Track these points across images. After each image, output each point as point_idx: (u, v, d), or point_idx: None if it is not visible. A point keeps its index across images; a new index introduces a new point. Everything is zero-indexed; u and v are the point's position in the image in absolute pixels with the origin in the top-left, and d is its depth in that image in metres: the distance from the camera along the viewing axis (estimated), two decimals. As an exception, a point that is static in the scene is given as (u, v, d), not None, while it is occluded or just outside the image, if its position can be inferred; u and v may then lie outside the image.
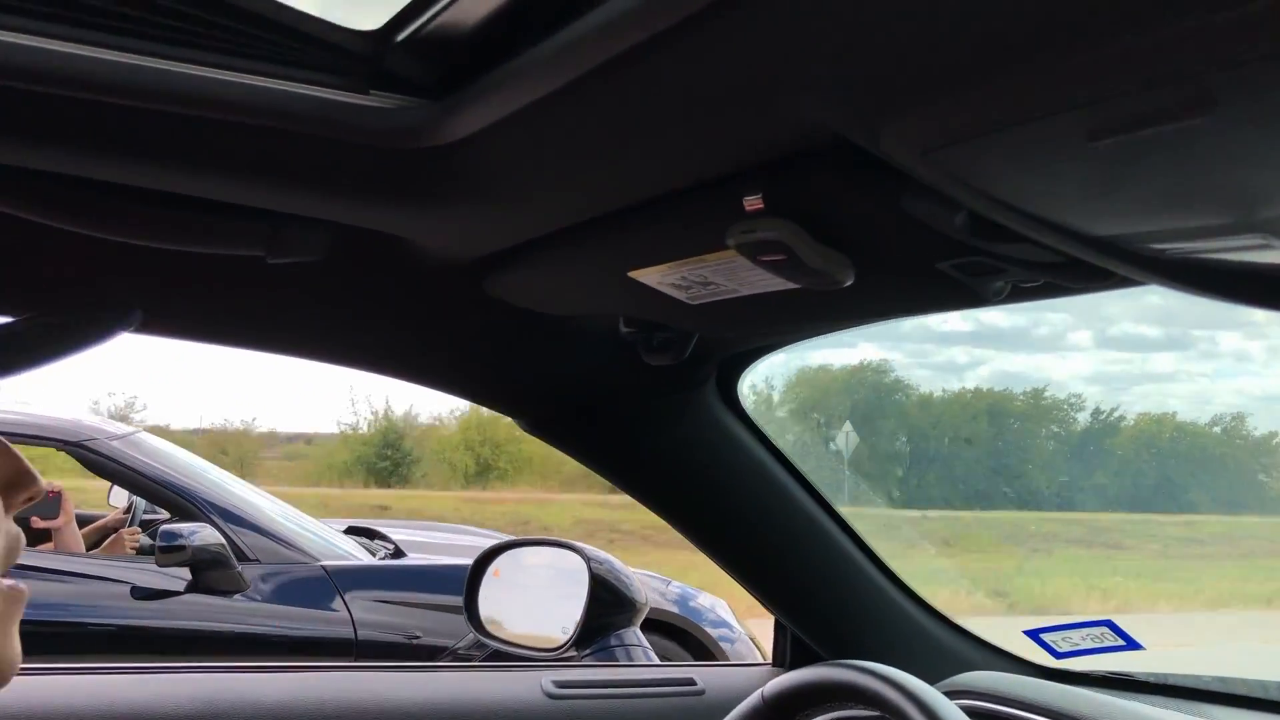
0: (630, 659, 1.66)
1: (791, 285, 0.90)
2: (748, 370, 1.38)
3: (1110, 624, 1.54)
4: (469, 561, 1.75)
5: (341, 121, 0.79)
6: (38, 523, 3.58)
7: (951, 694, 1.16)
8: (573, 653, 1.65)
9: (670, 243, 0.92)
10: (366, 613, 3.53)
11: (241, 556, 3.53)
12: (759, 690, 1.14)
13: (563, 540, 1.76)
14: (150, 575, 3.53)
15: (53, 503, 3.63)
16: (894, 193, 0.74)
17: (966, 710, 1.00)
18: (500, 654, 1.67)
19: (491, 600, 1.78)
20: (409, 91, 0.79)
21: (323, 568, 3.60)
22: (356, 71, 0.79)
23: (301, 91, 0.77)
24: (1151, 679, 1.56)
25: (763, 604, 1.54)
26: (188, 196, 0.93)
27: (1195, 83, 0.45)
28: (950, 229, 0.74)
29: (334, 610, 3.51)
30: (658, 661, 1.67)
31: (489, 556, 1.79)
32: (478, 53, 0.74)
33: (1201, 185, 0.54)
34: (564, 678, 1.44)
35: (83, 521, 4.28)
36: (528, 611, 1.79)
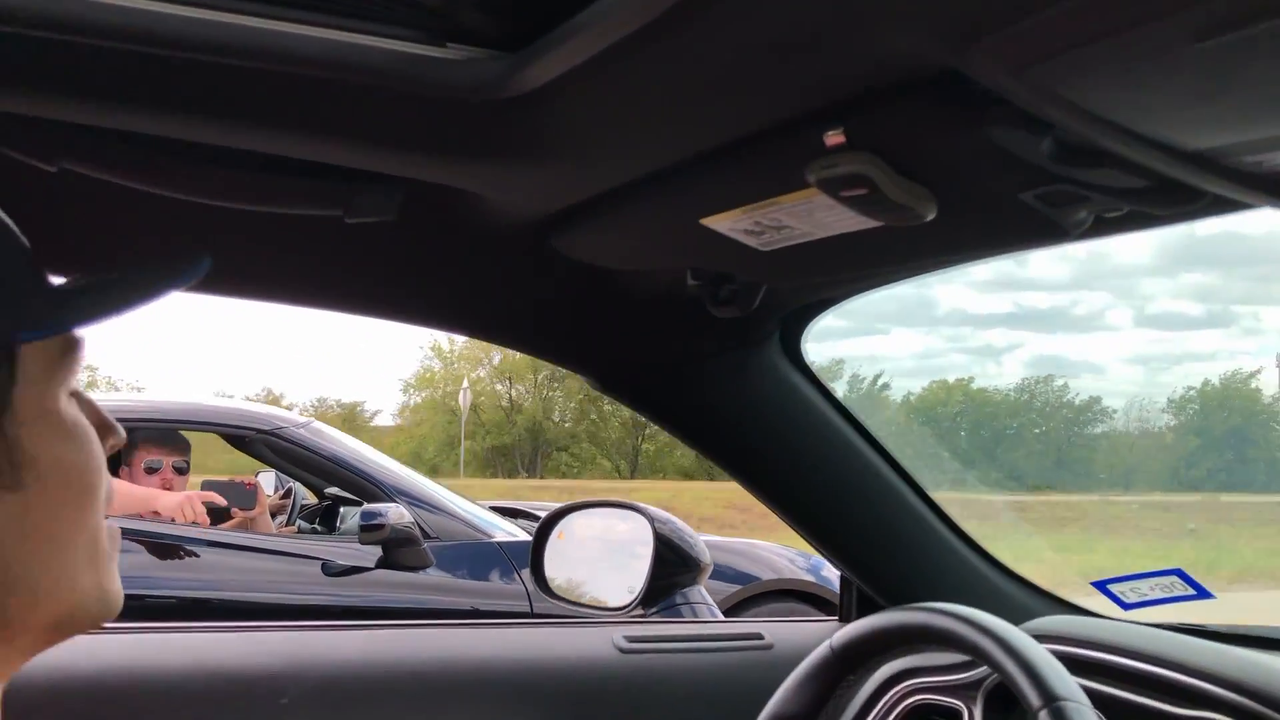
0: (696, 616, 1.68)
1: (869, 224, 0.90)
2: (811, 324, 1.38)
3: (1180, 573, 1.53)
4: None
5: (419, 75, 0.79)
6: (237, 513, 3.72)
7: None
8: (639, 612, 1.67)
9: (745, 186, 0.92)
10: (534, 585, 3.65)
11: (426, 535, 3.64)
12: (826, 641, 1.15)
13: (626, 501, 1.78)
14: (341, 552, 3.65)
15: (250, 493, 3.78)
16: (978, 121, 0.74)
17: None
18: (569, 615, 1.69)
19: (557, 563, 1.80)
20: (485, 44, 0.80)
21: (498, 544, 3.71)
22: (433, 25, 0.79)
23: (380, 45, 0.78)
24: (1224, 629, 1.55)
25: (827, 558, 1.55)
26: (266, 156, 0.94)
27: None
28: (1035, 155, 0.74)
29: (511, 584, 3.63)
30: (724, 618, 1.69)
31: (553, 520, 1.81)
32: (553, 2, 0.74)
33: None
34: (635, 633, 1.46)
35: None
36: (594, 573, 1.82)
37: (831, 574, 4.19)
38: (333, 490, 4.02)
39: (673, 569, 1.69)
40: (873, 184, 0.80)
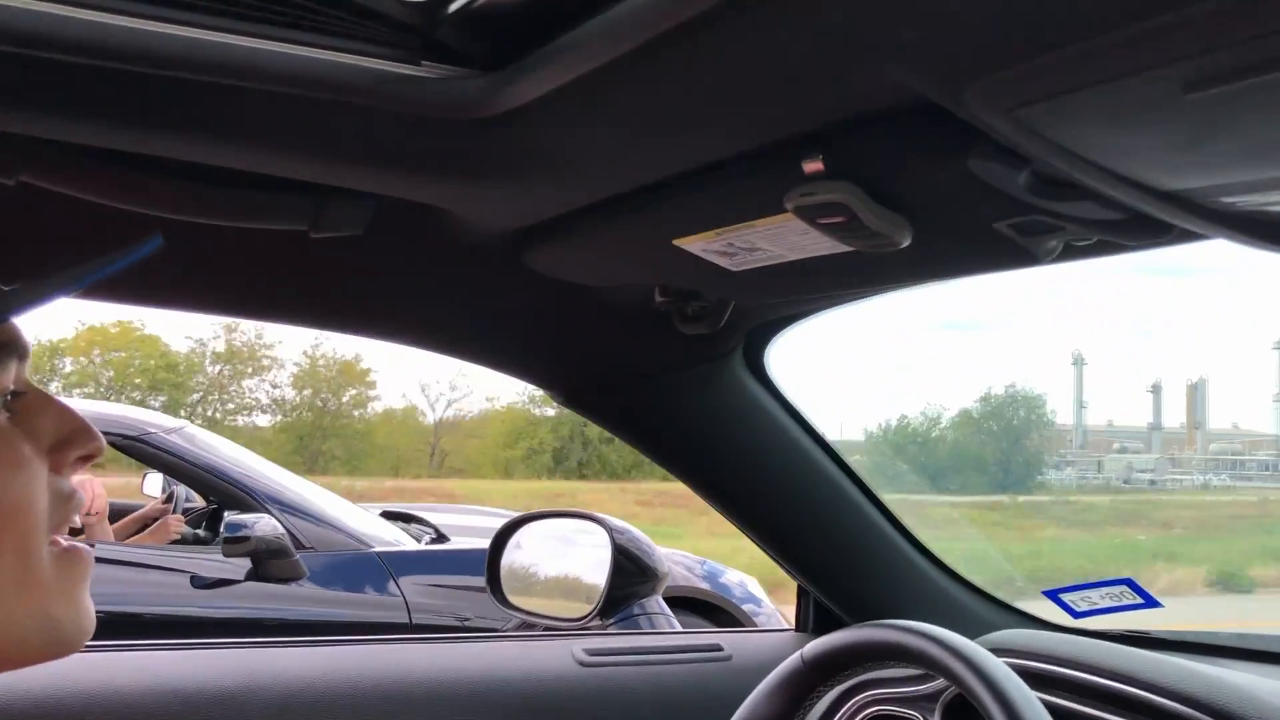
0: (654, 627, 1.68)
1: (842, 249, 0.90)
2: (775, 339, 1.39)
3: (1130, 582, 1.56)
4: None
5: (393, 93, 0.78)
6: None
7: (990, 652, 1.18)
8: (597, 622, 1.67)
9: (721, 209, 0.92)
10: (418, 597, 3.59)
11: (298, 545, 3.57)
12: (798, 652, 1.16)
13: (584, 511, 1.77)
14: (210, 564, 3.57)
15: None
16: (958, 153, 0.74)
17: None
18: (526, 626, 1.68)
19: (514, 573, 1.79)
20: (461, 63, 0.79)
21: (376, 554, 3.65)
22: (409, 43, 0.78)
23: (353, 63, 0.77)
24: (1170, 636, 1.59)
25: (786, 570, 1.56)
26: (232, 171, 0.92)
27: None
28: (1013, 188, 0.75)
29: (390, 595, 3.57)
30: (682, 629, 1.69)
31: (510, 529, 1.80)
32: (533, 23, 0.73)
33: None
34: (594, 645, 1.46)
35: (121, 512, 4.31)
36: (551, 583, 1.81)
37: (730, 582, 4.18)
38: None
39: (631, 579, 1.69)
40: (850, 212, 0.80)
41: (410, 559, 3.74)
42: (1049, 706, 1.18)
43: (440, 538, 4.13)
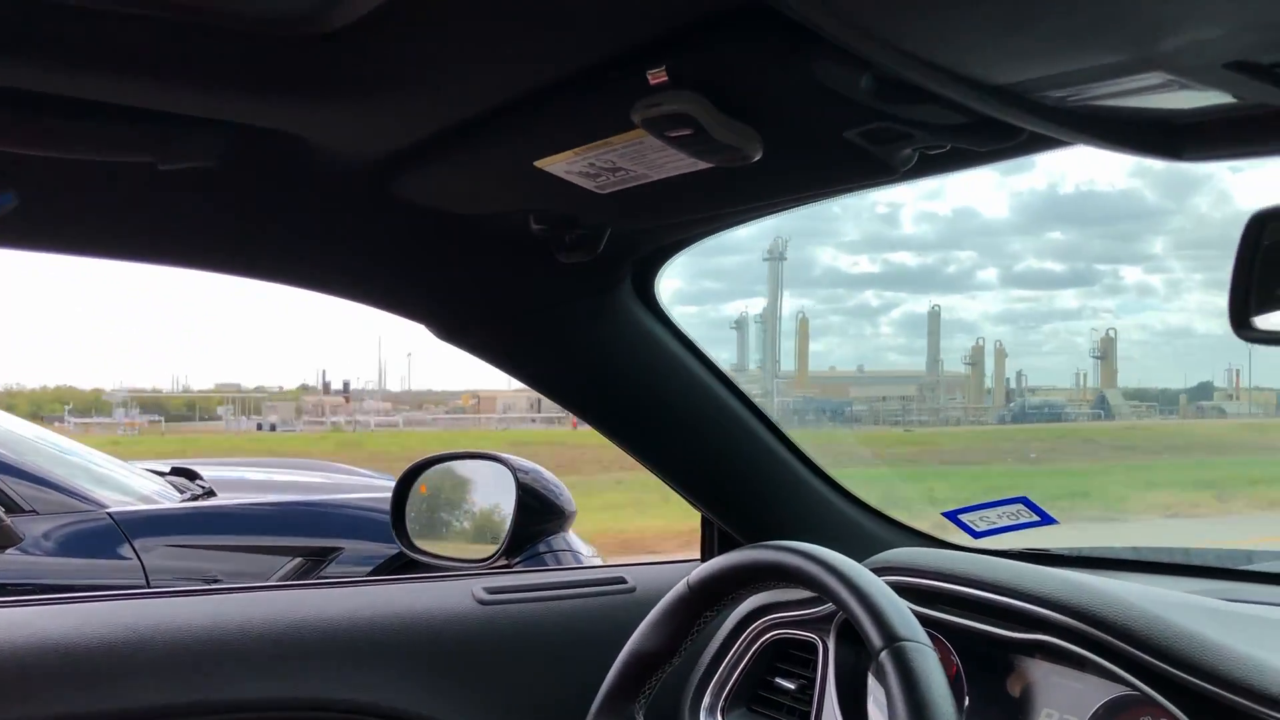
0: (560, 564, 1.67)
1: (701, 165, 0.89)
2: (663, 268, 1.37)
3: (1025, 500, 1.58)
4: (282, 499, 1.70)
5: (227, 10, 0.75)
6: None
7: (874, 570, 1.19)
8: (503, 562, 1.66)
9: (576, 127, 0.90)
10: (162, 559, 3.38)
11: (14, 508, 3.29)
12: (684, 579, 1.15)
13: (487, 452, 1.75)
14: None
15: None
16: (799, 58, 0.73)
17: (889, 585, 1.02)
18: (431, 569, 1.66)
19: (419, 516, 1.77)
20: None
21: (109, 514, 3.41)
22: None
23: None
24: (1067, 552, 1.62)
25: (687, 498, 1.56)
26: (71, 100, 0.88)
27: None
28: (856, 92, 0.73)
29: (123, 559, 3.37)
30: (588, 564, 1.69)
31: (414, 473, 1.78)
32: None
33: (1099, 17, 0.53)
34: (495, 584, 1.44)
35: None
36: (456, 525, 1.79)
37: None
38: None
39: (537, 518, 1.67)
40: (697, 124, 0.79)
41: (153, 519, 3.47)
42: (930, 620, 1.20)
43: (209, 494, 3.90)
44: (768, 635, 1.40)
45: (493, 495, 1.76)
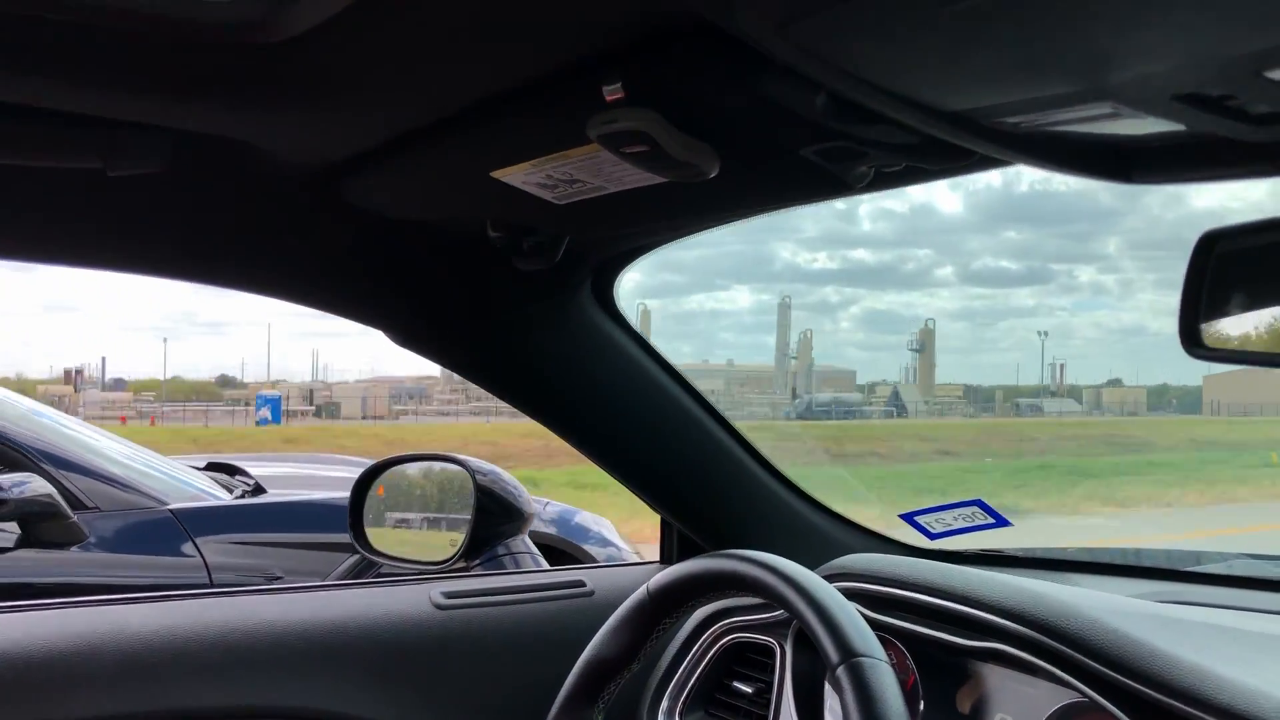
0: (519, 567, 1.67)
1: (658, 179, 0.88)
2: (623, 273, 1.37)
3: (980, 503, 1.60)
4: (334, 496, 1.70)
5: (176, 17, 0.74)
6: None
7: (829, 577, 1.19)
8: (461, 564, 1.65)
9: (532, 139, 0.89)
10: (221, 556, 3.35)
11: (78, 505, 3.32)
12: (644, 585, 1.15)
13: (445, 454, 1.74)
14: None
15: None
16: (754, 77, 0.73)
17: (844, 591, 1.02)
18: (389, 572, 1.66)
19: (377, 518, 1.76)
20: None
21: (170, 511, 3.42)
22: None
23: None
24: (1021, 554, 1.64)
25: (647, 503, 1.56)
26: (17, 106, 0.87)
27: None
28: (811, 112, 0.73)
29: (186, 555, 3.34)
30: (547, 567, 1.68)
31: (371, 475, 1.77)
32: None
33: (1050, 50, 0.54)
34: (453, 588, 1.44)
35: None
36: (415, 527, 1.78)
37: (583, 524, 3.85)
38: None
39: (495, 520, 1.67)
40: (653, 141, 0.78)
41: (213, 515, 3.42)
42: (886, 627, 1.21)
43: (257, 490, 3.87)
44: (726, 639, 1.41)
45: (451, 497, 1.76)
